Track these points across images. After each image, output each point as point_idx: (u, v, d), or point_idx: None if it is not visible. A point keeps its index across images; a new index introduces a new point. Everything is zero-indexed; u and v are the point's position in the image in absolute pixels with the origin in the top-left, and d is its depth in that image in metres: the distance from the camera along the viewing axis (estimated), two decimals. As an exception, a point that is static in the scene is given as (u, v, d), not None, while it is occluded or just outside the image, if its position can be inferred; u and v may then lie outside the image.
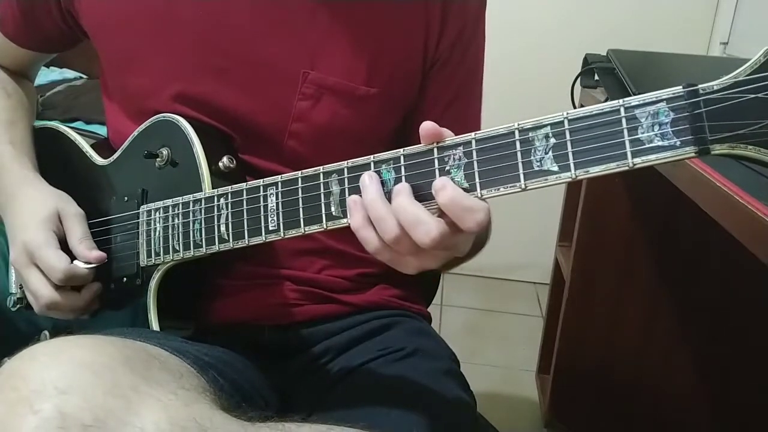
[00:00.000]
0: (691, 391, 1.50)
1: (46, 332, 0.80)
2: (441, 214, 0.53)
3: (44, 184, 0.79)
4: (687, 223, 1.38)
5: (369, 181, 0.56)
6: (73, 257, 0.73)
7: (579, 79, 1.40)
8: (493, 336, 2.19)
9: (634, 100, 0.49)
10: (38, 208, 0.75)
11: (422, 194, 0.55)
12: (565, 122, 0.50)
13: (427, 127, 0.55)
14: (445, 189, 0.53)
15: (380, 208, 0.54)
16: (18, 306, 0.80)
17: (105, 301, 0.77)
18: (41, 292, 0.72)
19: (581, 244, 1.48)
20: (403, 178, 0.56)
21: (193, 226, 0.69)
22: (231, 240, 0.66)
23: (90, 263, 0.73)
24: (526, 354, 1.95)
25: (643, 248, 1.45)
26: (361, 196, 0.56)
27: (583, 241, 1.48)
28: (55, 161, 0.84)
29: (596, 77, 1.34)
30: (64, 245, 0.74)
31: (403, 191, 0.54)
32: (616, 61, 1.26)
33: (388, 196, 0.55)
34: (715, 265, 1.40)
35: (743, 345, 1.44)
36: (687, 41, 2.15)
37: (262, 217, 0.64)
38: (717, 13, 2.15)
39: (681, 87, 0.47)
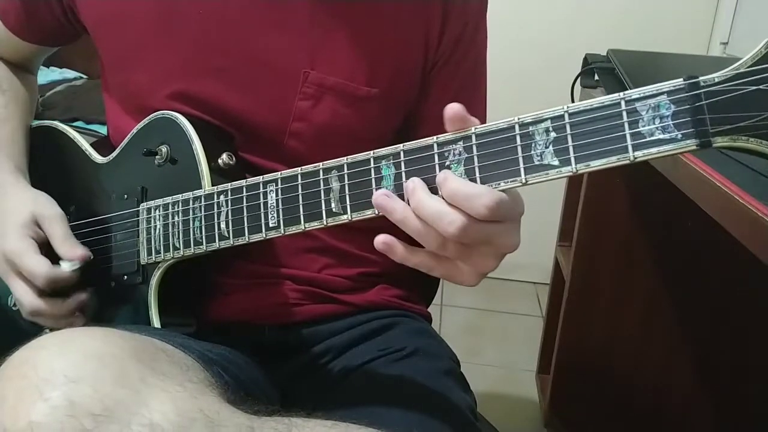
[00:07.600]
0: (691, 390, 1.50)
1: (47, 331, 0.80)
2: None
3: (22, 187, 0.78)
4: (687, 223, 1.38)
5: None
6: (58, 260, 0.72)
7: (579, 79, 1.40)
8: (493, 336, 2.19)
9: (634, 93, 0.48)
10: (15, 216, 0.74)
11: None
12: (566, 116, 0.50)
13: (454, 110, 0.53)
14: (447, 181, 0.52)
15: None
16: (18, 306, 0.80)
17: (106, 299, 0.77)
18: (24, 299, 0.72)
19: (581, 244, 1.48)
20: (403, 174, 0.56)
21: (193, 224, 0.69)
22: (231, 237, 0.66)
23: (75, 263, 0.72)
24: (526, 354, 1.95)
25: (643, 248, 1.45)
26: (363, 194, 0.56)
27: (583, 241, 1.47)
28: (53, 160, 0.84)
29: (596, 77, 1.34)
30: (48, 248, 0.73)
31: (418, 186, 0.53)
32: (616, 61, 1.26)
33: (402, 194, 0.55)
34: (715, 265, 1.40)
35: (743, 345, 1.44)
36: (687, 41, 2.15)
37: (262, 214, 0.64)
38: (717, 13, 2.15)
39: (682, 79, 0.47)
